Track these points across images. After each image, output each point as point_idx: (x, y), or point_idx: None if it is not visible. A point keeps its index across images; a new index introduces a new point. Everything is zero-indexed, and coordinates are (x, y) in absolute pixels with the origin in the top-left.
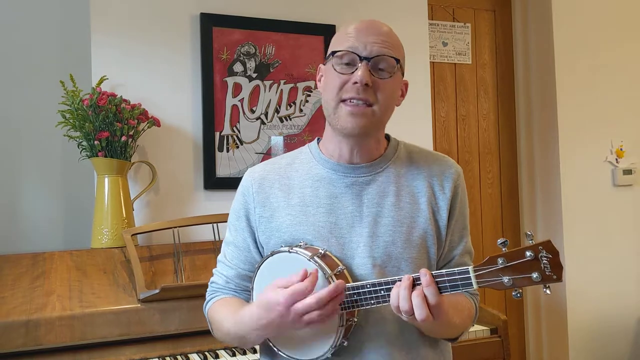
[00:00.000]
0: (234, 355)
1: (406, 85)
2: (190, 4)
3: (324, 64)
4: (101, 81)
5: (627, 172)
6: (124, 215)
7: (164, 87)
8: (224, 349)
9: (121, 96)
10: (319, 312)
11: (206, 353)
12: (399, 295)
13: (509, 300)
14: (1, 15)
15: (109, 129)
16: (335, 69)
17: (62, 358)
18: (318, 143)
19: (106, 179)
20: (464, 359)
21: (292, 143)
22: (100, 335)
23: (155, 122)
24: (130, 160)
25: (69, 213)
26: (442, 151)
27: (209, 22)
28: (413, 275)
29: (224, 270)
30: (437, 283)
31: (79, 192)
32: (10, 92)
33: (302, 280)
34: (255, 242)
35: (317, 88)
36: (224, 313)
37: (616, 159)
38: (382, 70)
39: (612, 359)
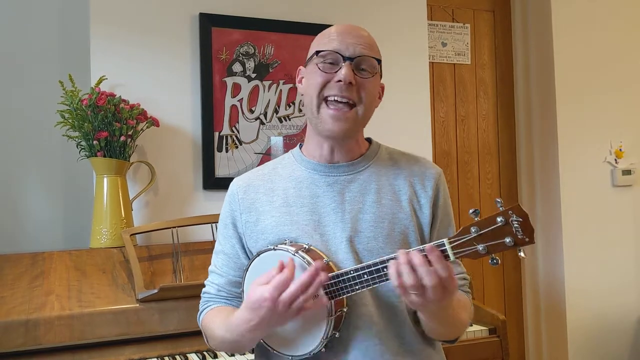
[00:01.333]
0: (232, 355)
1: (383, 88)
2: (189, 4)
3: (305, 67)
4: (100, 81)
5: (627, 172)
6: (123, 215)
7: (163, 87)
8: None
9: (120, 96)
10: (304, 296)
11: (205, 353)
12: (399, 272)
13: (508, 300)
14: (0, 15)
15: (108, 129)
16: (318, 67)
17: (61, 358)
18: (300, 148)
19: (105, 179)
20: (463, 359)
21: (291, 143)
22: (99, 335)
23: (154, 122)
24: (129, 160)
25: (68, 213)
26: (442, 152)
27: (208, 22)
28: (408, 250)
29: (215, 279)
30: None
31: (78, 192)
32: (10, 91)
33: (281, 272)
34: (244, 248)
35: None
36: (216, 322)
37: (615, 160)
38: (364, 70)
39: (612, 358)
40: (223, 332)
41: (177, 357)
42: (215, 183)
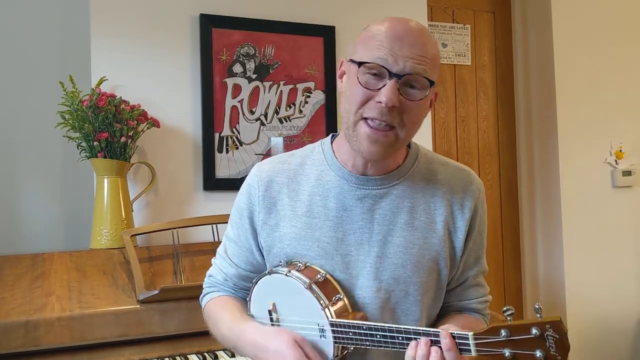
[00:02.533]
0: (233, 356)
1: (436, 95)
2: (189, 5)
3: (347, 60)
4: (100, 82)
5: (627, 173)
6: (124, 216)
7: (164, 88)
8: (223, 349)
9: (121, 97)
10: None
11: (205, 354)
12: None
13: (509, 301)
14: (1, 16)
15: (109, 129)
16: (359, 81)
17: (61, 359)
18: (332, 141)
19: (105, 180)
20: None
21: (291, 144)
22: (99, 336)
23: (155, 123)
24: (129, 161)
25: (68, 214)
26: (442, 152)
27: (209, 23)
28: (422, 331)
29: (224, 267)
30: (435, 342)
31: (78, 193)
32: (10, 92)
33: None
34: (258, 244)
35: (317, 89)
36: (223, 316)
37: (615, 160)
38: (413, 89)
39: None
40: (227, 332)
41: (178, 358)
42: (216, 184)
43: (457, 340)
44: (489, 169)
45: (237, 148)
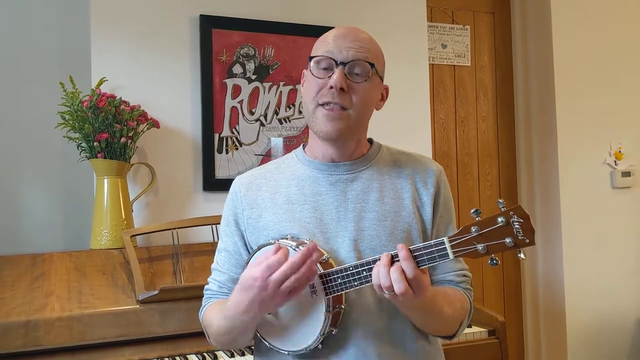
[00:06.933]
0: (232, 356)
1: (387, 89)
2: (189, 5)
3: (307, 70)
4: (101, 82)
5: (626, 174)
6: (123, 217)
7: (164, 88)
8: (223, 349)
9: (121, 98)
10: (295, 276)
11: (205, 354)
12: (379, 273)
13: (508, 301)
14: (1, 16)
15: (109, 130)
16: (312, 74)
17: (61, 359)
18: (304, 149)
19: (105, 180)
20: None
21: (291, 145)
22: (99, 336)
23: (155, 124)
24: (129, 162)
25: (68, 214)
26: (441, 153)
27: (209, 24)
28: (392, 252)
29: (217, 276)
30: (415, 257)
31: (78, 193)
32: (10, 93)
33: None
34: (246, 245)
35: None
36: (215, 311)
37: (615, 161)
38: (357, 75)
39: None
40: (220, 319)
41: (177, 358)
42: (216, 184)
43: (434, 247)
44: (488, 170)
45: (236, 149)
